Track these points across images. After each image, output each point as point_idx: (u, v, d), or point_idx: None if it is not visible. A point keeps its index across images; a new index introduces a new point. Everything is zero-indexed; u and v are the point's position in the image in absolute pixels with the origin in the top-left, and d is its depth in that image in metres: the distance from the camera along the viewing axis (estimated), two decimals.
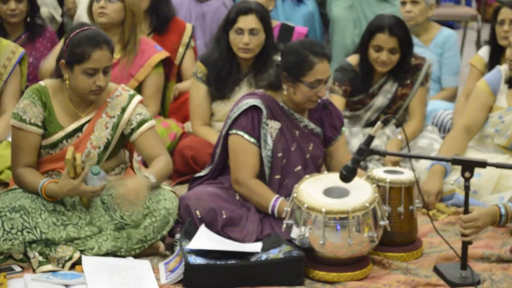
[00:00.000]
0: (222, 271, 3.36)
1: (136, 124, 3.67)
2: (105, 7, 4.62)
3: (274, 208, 3.74)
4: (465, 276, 3.39)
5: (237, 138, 3.83)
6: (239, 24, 4.45)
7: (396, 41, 4.63)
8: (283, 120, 3.88)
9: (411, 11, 5.45)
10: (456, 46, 5.66)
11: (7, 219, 3.44)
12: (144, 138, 3.67)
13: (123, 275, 3.39)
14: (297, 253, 3.42)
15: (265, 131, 3.83)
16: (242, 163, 3.81)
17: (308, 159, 3.92)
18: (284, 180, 3.87)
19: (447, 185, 4.22)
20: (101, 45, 3.50)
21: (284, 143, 3.86)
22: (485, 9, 7.93)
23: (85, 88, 3.54)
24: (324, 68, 3.78)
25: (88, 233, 3.55)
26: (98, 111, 3.65)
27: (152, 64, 4.72)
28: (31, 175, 3.59)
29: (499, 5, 5.01)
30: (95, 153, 3.63)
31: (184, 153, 4.50)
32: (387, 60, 4.66)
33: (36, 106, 3.59)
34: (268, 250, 3.49)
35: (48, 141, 3.64)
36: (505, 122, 4.27)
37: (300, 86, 3.79)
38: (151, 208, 3.60)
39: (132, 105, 3.67)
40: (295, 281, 3.40)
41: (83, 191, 3.48)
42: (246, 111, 3.83)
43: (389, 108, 4.83)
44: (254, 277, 3.37)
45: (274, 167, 3.85)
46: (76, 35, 3.53)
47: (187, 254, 3.39)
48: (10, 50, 4.65)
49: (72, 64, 3.52)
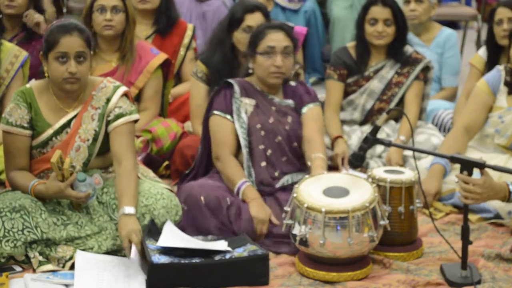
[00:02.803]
0: (186, 270, 3.34)
1: (113, 117, 3.67)
2: (112, 19, 4.57)
3: (239, 191, 3.82)
4: (465, 276, 3.39)
5: (214, 118, 4.00)
6: (247, 22, 4.47)
7: (390, 12, 4.79)
8: (258, 99, 4.03)
9: (415, 9, 5.49)
10: (456, 46, 5.67)
11: (8, 219, 3.45)
12: (116, 133, 3.65)
13: (113, 272, 3.39)
14: (262, 252, 3.42)
15: (237, 105, 3.97)
16: (220, 139, 3.96)
17: (288, 131, 4.01)
18: (267, 151, 3.96)
19: (447, 185, 4.23)
20: (70, 31, 3.56)
21: (261, 116, 3.99)
22: (485, 8, 7.93)
23: (58, 76, 3.57)
24: (277, 37, 3.97)
25: (88, 232, 3.56)
26: (84, 105, 3.67)
27: (150, 70, 4.71)
28: (22, 177, 3.62)
29: (495, 6, 5.04)
30: (84, 146, 3.65)
31: (184, 153, 4.50)
32: (382, 31, 4.79)
33: (20, 108, 3.63)
34: (233, 249, 3.49)
35: (38, 140, 3.66)
36: (505, 122, 4.27)
37: (258, 58, 3.98)
38: (149, 207, 3.61)
39: (117, 95, 3.68)
40: (260, 280, 3.39)
41: (68, 195, 3.50)
42: (219, 91, 4.01)
43: (383, 94, 4.88)
44: (219, 276, 3.36)
45: (255, 138, 3.95)
46: (51, 26, 3.62)
47: (150, 253, 3.37)
48: (13, 54, 4.60)
49: (47, 53, 3.59)
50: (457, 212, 4.14)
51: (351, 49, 4.96)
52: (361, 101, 4.92)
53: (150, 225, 3.56)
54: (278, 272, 3.52)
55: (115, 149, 3.64)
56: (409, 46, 4.92)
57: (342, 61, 4.93)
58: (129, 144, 3.65)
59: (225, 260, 3.40)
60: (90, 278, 3.33)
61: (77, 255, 3.44)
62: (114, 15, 4.58)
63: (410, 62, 4.88)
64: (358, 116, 4.94)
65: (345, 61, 4.92)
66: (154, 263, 3.32)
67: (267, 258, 3.41)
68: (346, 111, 4.98)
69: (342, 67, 4.92)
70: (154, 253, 3.39)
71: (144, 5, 5.16)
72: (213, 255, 3.43)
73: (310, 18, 6.63)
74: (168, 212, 3.63)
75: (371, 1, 4.85)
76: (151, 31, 5.24)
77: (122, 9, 4.59)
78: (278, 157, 3.96)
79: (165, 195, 3.66)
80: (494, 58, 4.97)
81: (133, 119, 3.68)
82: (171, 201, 3.66)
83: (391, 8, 4.80)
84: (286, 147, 3.98)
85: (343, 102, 4.97)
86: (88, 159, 3.67)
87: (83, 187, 3.51)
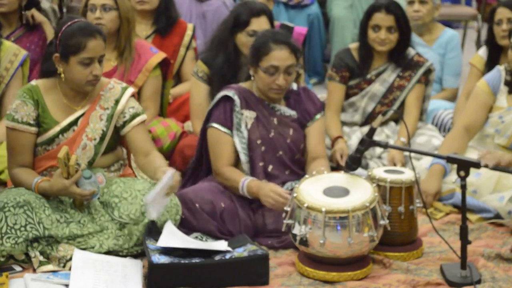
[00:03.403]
0: (186, 270, 3.34)
1: (129, 117, 3.73)
2: (102, 17, 4.57)
3: (243, 189, 3.78)
4: (465, 276, 3.39)
5: (212, 131, 3.93)
6: (253, 26, 4.40)
7: (393, 19, 4.73)
8: (259, 109, 3.94)
9: (419, 10, 5.48)
10: (458, 47, 5.67)
11: (11, 215, 3.45)
12: (136, 131, 3.73)
13: (110, 272, 3.38)
14: (262, 252, 3.42)
15: (238, 119, 3.89)
16: (219, 153, 3.89)
17: (289, 144, 3.95)
18: (268, 166, 3.91)
19: (447, 185, 4.23)
20: (94, 34, 3.58)
21: (262, 130, 3.92)
22: (485, 8, 7.94)
23: (81, 78, 3.59)
24: (282, 56, 3.83)
25: (90, 231, 3.56)
26: (92, 104, 3.70)
27: (149, 68, 4.70)
28: (25, 174, 3.63)
29: (495, 6, 5.03)
30: (91, 145, 3.67)
31: (184, 153, 4.50)
32: (385, 38, 4.75)
33: (27, 105, 3.64)
34: (233, 249, 3.49)
35: (44, 137, 3.67)
36: (505, 122, 4.27)
37: (259, 71, 3.87)
38: None
39: (126, 96, 3.73)
40: (260, 280, 3.39)
41: (73, 193, 3.51)
42: (218, 103, 3.93)
43: (385, 98, 4.87)
44: (218, 276, 3.35)
45: (255, 155, 3.89)
46: (68, 27, 3.59)
47: (150, 253, 3.37)
48: (12, 52, 4.62)
49: (68, 56, 3.57)
50: (457, 212, 4.14)
51: (354, 51, 4.92)
52: (362, 104, 4.91)
53: (150, 225, 3.56)
54: (278, 272, 3.52)
55: (139, 145, 3.71)
56: (411, 48, 4.90)
57: (344, 63, 4.90)
58: (150, 139, 3.80)
59: (225, 260, 3.40)
60: (86, 277, 3.33)
61: (75, 254, 3.44)
62: (104, 13, 4.58)
63: (412, 66, 4.86)
64: (359, 119, 4.93)
65: (347, 63, 4.89)
66: (154, 263, 3.32)
67: (267, 258, 3.41)
68: (347, 112, 4.97)
69: (344, 69, 4.89)
70: (154, 253, 3.39)
71: (142, 6, 5.16)
72: (213, 255, 3.43)
73: (314, 21, 6.64)
74: (168, 211, 3.63)
75: (375, 7, 4.78)
76: (150, 31, 5.23)
77: (113, 7, 4.59)
78: (280, 171, 3.89)
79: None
80: (494, 58, 4.98)
81: (145, 119, 3.78)
82: (171, 201, 3.65)
83: (395, 15, 4.73)
84: (287, 161, 3.93)
85: (344, 103, 4.95)
86: (94, 158, 3.69)
87: (88, 185, 3.52)
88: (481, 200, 4.11)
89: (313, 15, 6.64)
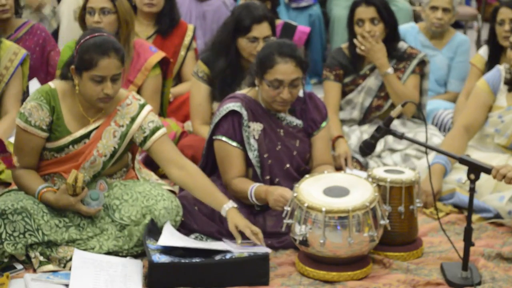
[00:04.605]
0: (186, 270, 3.33)
1: (149, 132, 3.66)
2: (101, 21, 4.55)
3: (252, 197, 3.75)
4: (465, 277, 3.39)
5: (220, 144, 3.86)
6: (254, 33, 4.37)
7: (374, 10, 4.79)
8: (266, 121, 3.88)
9: (442, 18, 5.47)
10: (468, 53, 5.64)
11: (9, 222, 3.44)
12: (160, 143, 3.65)
13: (110, 272, 3.38)
14: (262, 252, 3.41)
15: (247, 133, 3.84)
16: (228, 167, 3.84)
17: (295, 156, 3.93)
18: (275, 180, 3.88)
19: (447, 184, 4.23)
20: (109, 53, 3.46)
21: (268, 144, 3.87)
22: (485, 8, 7.94)
23: (92, 95, 3.51)
24: (287, 70, 3.73)
25: (90, 234, 3.56)
26: (107, 119, 3.64)
27: (149, 67, 4.70)
28: (29, 178, 3.60)
29: (497, 5, 5.02)
30: (100, 160, 3.63)
31: (185, 153, 4.47)
32: (370, 30, 4.78)
33: (42, 109, 3.57)
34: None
35: (54, 144, 3.63)
36: (505, 121, 4.27)
37: (263, 84, 3.79)
38: (150, 207, 3.60)
39: (142, 115, 3.66)
40: (261, 280, 3.39)
41: (78, 210, 3.53)
42: (226, 116, 3.84)
43: (381, 91, 4.89)
44: (219, 276, 3.35)
45: (262, 168, 3.86)
46: (86, 41, 3.50)
47: (151, 253, 3.37)
48: (12, 51, 4.61)
49: (81, 71, 3.49)
50: (457, 211, 4.14)
51: (346, 49, 4.97)
52: (359, 100, 4.93)
53: (150, 225, 3.56)
54: (278, 272, 3.52)
55: (166, 156, 3.64)
56: (404, 42, 4.93)
57: (337, 61, 4.94)
58: (177, 150, 3.72)
59: (225, 260, 3.39)
60: (86, 277, 3.33)
61: (75, 254, 3.44)
62: (103, 16, 4.56)
63: (406, 57, 4.88)
64: (357, 115, 4.94)
65: (340, 61, 4.93)
66: (155, 262, 3.32)
67: (267, 258, 3.41)
68: (345, 110, 4.99)
69: (338, 67, 4.93)
70: (155, 252, 3.39)
71: (150, 9, 5.17)
72: (214, 255, 3.43)
73: (315, 21, 6.65)
74: (169, 213, 3.63)
75: (356, 3, 4.85)
76: (152, 32, 5.24)
77: (112, 10, 4.57)
78: (288, 183, 3.82)
79: (166, 196, 3.66)
80: (495, 58, 4.98)
81: (165, 131, 3.70)
82: (171, 202, 3.65)
83: (375, 6, 4.79)
84: (294, 173, 3.90)
85: (341, 101, 4.97)
86: (99, 172, 3.67)
87: (94, 205, 3.57)
88: (481, 200, 4.11)
89: (315, 15, 6.64)
